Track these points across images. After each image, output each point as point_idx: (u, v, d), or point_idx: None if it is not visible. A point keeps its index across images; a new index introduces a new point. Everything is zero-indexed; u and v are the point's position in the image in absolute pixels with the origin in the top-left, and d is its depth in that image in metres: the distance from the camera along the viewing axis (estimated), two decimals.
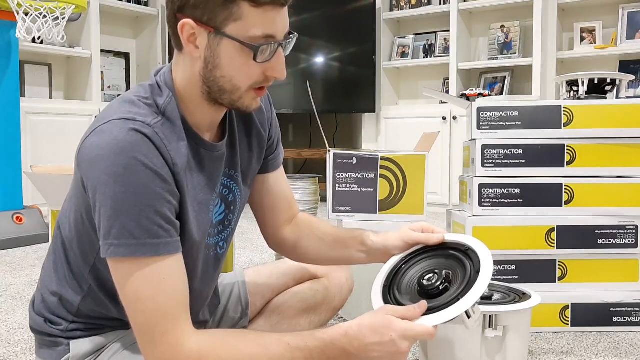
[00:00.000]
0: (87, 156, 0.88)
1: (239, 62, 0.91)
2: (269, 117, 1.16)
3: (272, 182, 1.20)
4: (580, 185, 1.70)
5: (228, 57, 0.91)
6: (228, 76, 0.92)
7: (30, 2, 2.75)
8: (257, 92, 0.96)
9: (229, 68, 0.92)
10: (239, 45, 0.90)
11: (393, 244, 1.13)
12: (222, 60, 0.91)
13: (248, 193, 1.15)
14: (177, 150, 0.92)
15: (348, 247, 1.18)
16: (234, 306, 1.29)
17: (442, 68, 4.61)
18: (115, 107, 0.93)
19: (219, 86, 0.93)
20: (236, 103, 0.95)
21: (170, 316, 0.87)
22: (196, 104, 0.97)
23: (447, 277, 1.00)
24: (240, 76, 0.92)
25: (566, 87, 1.92)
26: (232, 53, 0.90)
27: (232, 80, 0.93)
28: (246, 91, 0.94)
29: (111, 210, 0.85)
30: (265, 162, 1.18)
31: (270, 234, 1.23)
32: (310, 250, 1.21)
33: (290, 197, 1.23)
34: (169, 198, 0.89)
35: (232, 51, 0.90)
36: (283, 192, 1.22)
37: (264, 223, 1.22)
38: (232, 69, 0.92)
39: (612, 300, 1.70)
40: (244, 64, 0.91)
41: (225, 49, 0.90)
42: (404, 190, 1.74)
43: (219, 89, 0.94)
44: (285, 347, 0.90)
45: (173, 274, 0.89)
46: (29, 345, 1.61)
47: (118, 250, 0.86)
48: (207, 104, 0.97)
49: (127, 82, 4.86)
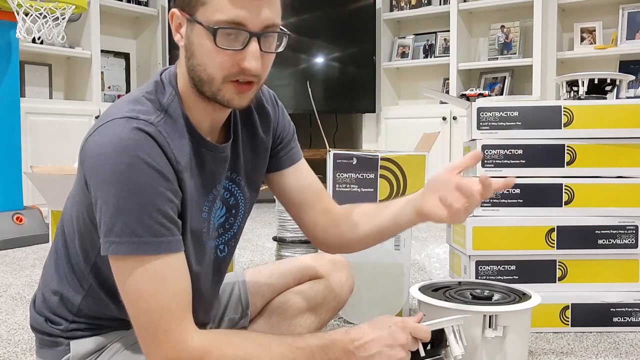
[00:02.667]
0: (90, 154, 0.88)
1: (207, 48, 0.90)
2: (275, 118, 1.15)
3: (295, 177, 1.17)
4: (580, 185, 1.70)
5: (199, 43, 0.90)
6: (202, 64, 0.91)
7: (30, 2, 2.75)
8: (238, 86, 0.92)
9: (201, 55, 0.91)
10: (204, 30, 0.89)
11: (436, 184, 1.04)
12: (195, 47, 0.91)
13: (254, 197, 1.14)
14: (179, 149, 0.92)
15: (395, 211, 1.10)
16: (234, 306, 1.29)
17: (442, 68, 4.61)
18: (119, 105, 0.93)
19: (198, 76, 0.93)
20: (217, 96, 0.93)
21: (173, 314, 0.87)
22: (193, 100, 0.97)
23: None
24: (211, 64, 0.91)
25: (566, 87, 1.92)
26: (201, 39, 0.90)
27: (206, 68, 0.91)
28: (223, 83, 0.92)
29: (113, 208, 0.85)
30: (283, 159, 1.16)
31: (309, 231, 1.19)
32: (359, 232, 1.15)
33: (319, 189, 1.19)
34: (171, 197, 0.89)
35: (201, 36, 0.90)
36: (313, 185, 1.18)
37: (301, 222, 1.19)
38: (203, 56, 0.91)
39: (612, 300, 1.70)
40: (212, 50, 0.89)
41: (197, 35, 0.90)
42: (404, 191, 1.74)
43: (199, 79, 0.93)
44: (287, 346, 0.91)
45: (175, 272, 0.89)
46: (29, 345, 1.61)
47: (120, 248, 0.86)
48: (201, 100, 0.96)
49: (127, 83, 4.86)
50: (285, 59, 4.54)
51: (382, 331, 0.93)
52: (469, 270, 1.71)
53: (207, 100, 0.96)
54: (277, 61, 0.98)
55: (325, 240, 1.19)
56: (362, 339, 0.93)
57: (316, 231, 1.19)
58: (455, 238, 1.83)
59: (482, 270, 1.70)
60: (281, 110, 1.17)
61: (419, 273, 2.46)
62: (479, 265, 1.70)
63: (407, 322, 0.95)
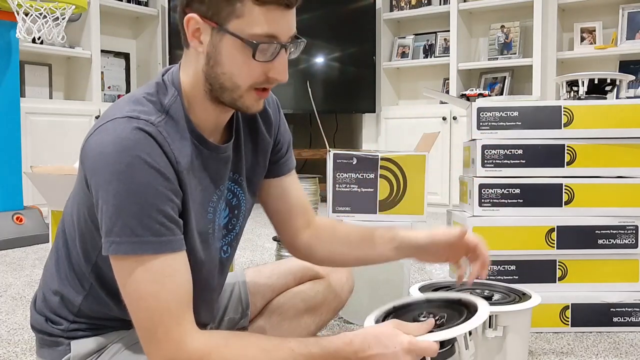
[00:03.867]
0: (90, 153, 0.88)
1: (239, 60, 0.91)
2: (277, 122, 1.15)
3: (286, 185, 1.19)
4: (580, 185, 1.70)
5: (229, 53, 0.91)
6: (228, 73, 0.92)
7: (30, 2, 2.75)
8: (260, 93, 0.95)
9: (230, 65, 0.92)
10: (239, 42, 0.90)
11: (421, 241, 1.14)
12: (223, 57, 0.91)
13: (253, 200, 1.14)
14: (180, 149, 0.92)
15: (376, 244, 1.17)
16: (234, 306, 1.29)
17: (442, 68, 4.61)
18: (120, 105, 0.93)
19: (220, 83, 0.93)
20: (237, 102, 0.95)
21: (174, 314, 0.87)
22: (200, 103, 0.97)
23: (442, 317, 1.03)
24: (240, 74, 0.92)
25: (566, 87, 1.92)
26: (233, 50, 0.90)
27: (233, 77, 0.92)
28: (247, 90, 0.94)
29: (113, 208, 0.85)
30: (277, 166, 1.17)
31: (288, 240, 1.22)
32: (336, 253, 1.20)
33: (305, 201, 1.22)
34: (171, 197, 0.89)
35: (233, 48, 0.90)
36: (297, 197, 1.20)
37: (282, 229, 1.21)
38: (232, 66, 0.92)
39: (612, 300, 1.70)
40: (244, 61, 0.91)
41: (227, 45, 0.91)
42: (404, 191, 1.75)
43: (220, 86, 0.93)
44: (289, 352, 0.90)
45: (176, 272, 0.89)
46: (29, 345, 1.61)
47: (120, 248, 0.86)
48: (210, 103, 0.97)
49: (127, 83, 4.86)
50: None
51: (387, 350, 0.91)
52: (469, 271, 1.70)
53: (218, 103, 0.96)
54: None
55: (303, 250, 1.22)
56: (365, 352, 0.92)
57: (295, 241, 1.21)
58: None
59: None
60: (282, 116, 1.18)
61: (419, 273, 2.46)
62: None
63: (414, 344, 0.92)
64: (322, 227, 1.21)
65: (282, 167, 1.18)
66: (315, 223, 1.22)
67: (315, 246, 1.20)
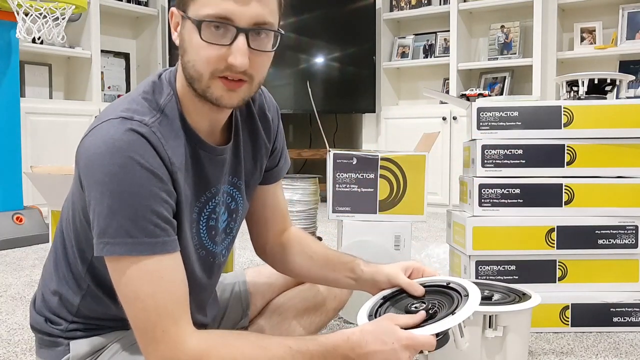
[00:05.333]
0: (84, 155, 0.88)
1: (196, 43, 0.89)
2: (275, 128, 1.15)
3: (271, 195, 1.20)
4: (580, 185, 1.70)
5: (189, 38, 0.91)
6: (192, 60, 0.91)
7: (30, 2, 2.75)
8: (227, 82, 0.91)
9: (190, 51, 0.91)
10: (192, 25, 0.89)
11: (381, 279, 1.14)
12: (186, 43, 0.91)
13: (248, 204, 1.14)
14: (174, 149, 0.92)
15: (337, 271, 1.19)
16: (234, 306, 1.29)
17: (442, 68, 4.61)
18: (115, 105, 0.93)
19: (189, 73, 0.92)
20: (206, 93, 0.92)
21: (170, 315, 0.87)
22: (190, 100, 0.96)
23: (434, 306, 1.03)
24: (198, 59, 0.90)
25: (566, 87, 1.92)
26: (191, 34, 0.90)
27: (195, 64, 0.91)
28: (210, 79, 0.91)
29: (107, 209, 0.85)
30: (269, 174, 1.17)
31: (260, 245, 1.23)
32: (298, 266, 1.22)
33: (284, 210, 1.23)
34: (165, 197, 0.89)
35: (190, 32, 0.90)
36: (279, 206, 1.22)
37: (256, 234, 1.23)
38: (192, 51, 0.91)
39: (612, 300, 1.70)
40: (200, 45, 0.89)
41: (187, 30, 0.91)
42: (404, 191, 1.74)
43: (189, 76, 0.92)
44: (287, 350, 0.90)
45: (171, 272, 0.89)
46: (29, 345, 1.61)
47: (114, 249, 0.86)
48: (197, 100, 0.95)
49: (127, 82, 4.86)
50: (285, 59, 4.54)
51: (385, 346, 0.91)
52: (469, 270, 1.71)
53: (200, 98, 0.94)
54: (277, 61, 0.98)
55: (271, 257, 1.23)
56: (363, 348, 0.92)
57: (266, 246, 1.23)
58: (455, 238, 1.83)
59: (482, 270, 1.70)
60: (280, 124, 1.18)
61: None
62: (479, 265, 1.70)
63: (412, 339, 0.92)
64: (294, 238, 1.22)
65: (273, 175, 1.19)
66: (288, 232, 1.23)
67: (283, 255, 1.22)
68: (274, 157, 1.17)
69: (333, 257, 1.20)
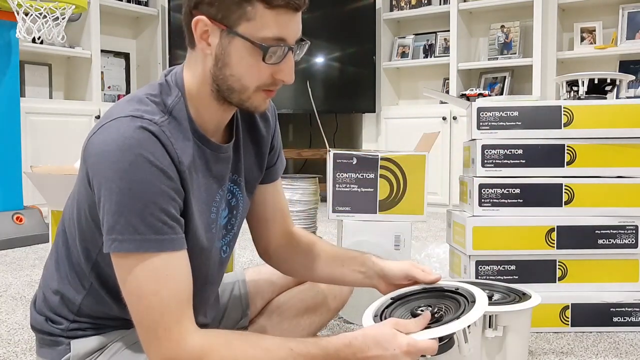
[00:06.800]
0: (93, 152, 0.89)
1: (249, 62, 0.92)
2: (273, 127, 1.17)
3: (270, 194, 1.20)
4: (580, 185, 1.70)
5: (238, 56, 0.92)
6: (237, 75, 0.93)
7: (30, 2, 2.75)
8: (267, 93, 0.96)
9: (238, 67, 0.92)
10: (249, 45, 0.90)
11: (393, 272, 1.15)
12: (232, 59, 0.92)
13: (249, 201, 1.15)
14: (183, 149, 0.93)
15: (345, 266, 1.19)
16: (234, 306, 1.29)
17: (442, 68, 4.61)
18: (123, 104, 0.93)
19: (228, 85, 0.94)
20: (245, 103, 0.96)
21: (174, 313, 0.87)
22: (205, 103, 0.97)
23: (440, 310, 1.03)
24: (248, 76, 0.93)
25: (566, 87, 1.92)
26: (243, 52, 0.91)
27: (241, 79, 0.93)
28: (254, 91, 0.95)
29: (116, 205, 0.86)
30: (265, 173, 1.18)
31: (262, 245, 1.24)
32: (304, 265, 1.22)
33: (285, 210, 1.24)
34: (173, 195, 0.89)
35: (243, 50, 0.91)
36: (279, 205, 1.22)
37: (258, 235, 1.23)
38: (241, 68, 0.92)
39: (612, 300, 1.70)
40: (253, 64, 0.92)
41: (236, 47, 0.91)
42: (404, 191, 1.75)
43: (228, 87, 0.94)
44: (288, 352, 0.90)
45: (177, 270, 0.89)
46: (29, 345, 1.61)
47: (122, 246, 0.86)
48: (216, 103, 0.97)
49: (127, 82, 4.86)
50: None
51: (386, 352, 0.92)
52: (469, 270, 1.71)
53: (224, 104, 0.97)
54: None
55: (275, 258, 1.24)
56: (364, 353, 0.92)
57: (269, 247, 1.23)
58: (455, 238, 1.83)
59: (482, 270, 1.70)
60: (277, 123, 1.19)
61: None
62: (479, 265, 1.70)
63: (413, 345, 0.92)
64: (301, 239, 1.23)
65: (271, 174, 1.20)
66: (293, 233, 1.23)
67: (288, 255, 1.22)
68: (272, 155, 1.18)
69: (342, 252, 1.22)
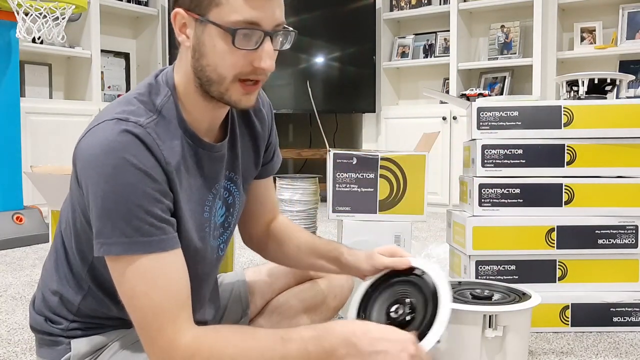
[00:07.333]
0: (80, 155, 0.89)
1: (221, 49, 0.90)
2: (270, 124, 1.17)
3: (262, 189, 1.22)
4: (580, 185, 1.70)
5: (211, 43, 0.91)
6: (213, 64, 0.92)
7: (30, 2, 2.75)
8: (246, 87, 0.94)
9: (213, 55, 0.91)
10: (219, 31, 0.89)
11: (364, 267, 1.16)
12: (207, 48, 0.91)
13: (245, 198, 1.15)
14: (170, 149, 0.92)
15: (322, 259, 1.21)
16: (234, 306, 1.29)
17: (442, 68, 4.61)
18: (111, 107, 0.93)
19: (207, 76, 0.93)
20: (224, 96, 0.94)
21: (166, 312, 0.87)
22: (193, 100, 0.97)
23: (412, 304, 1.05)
24: (223, 64, 0.91)
25: (566, 87, 1.92)
26: (215, 39, 0.90)
27: (217, 68, 0.92)
28: (232, 82, 0.92)
29: (102, 209, 0.86)
30: (262, 169, 1.18)
31: (246, 234, 1.26)
32: (285, 254, 1.24)
33: (274, 202, 1.26)
34: (159, 197, 0.89)
35: (215, 37, 0.90)
36: (269, 198, 1.24)
37: (245, 225, 1.25)
38: (215, 56, 0.91)
39: (612, 300, 1.70)
40: (226, 50, 0.90)
41: (209, 35, 0.90)
42: (404, 190, 1.74)
43: (207, 79, 0.93)
44: (279, 338, 0.90)
45: (168, 270, 0.89)
46: (29, 345, 1.61)
47: (110, 249, 0.87)
48: (203, 100, 0.97)
49: (127, 82, 4.86)
50: (285, 58, 4.54)
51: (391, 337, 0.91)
52: (469, 270, 1.71)
53: (210, 99, 0.96)
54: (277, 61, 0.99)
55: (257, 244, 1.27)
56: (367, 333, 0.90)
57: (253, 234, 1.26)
58: (456, 238, 1.83)
59: (482, 270, 1.70)
60: (273, 120, 1.20)
61: None
62: (479, 265, 1.70)
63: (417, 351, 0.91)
64: (280, 227, 1.25)
65: (267, 170, 1.21)
66: (276, 221, 1.26)
67: (270, 244, 1.25)
68: (269, 152, 1.19)
69: (319, 246, 1.23)
